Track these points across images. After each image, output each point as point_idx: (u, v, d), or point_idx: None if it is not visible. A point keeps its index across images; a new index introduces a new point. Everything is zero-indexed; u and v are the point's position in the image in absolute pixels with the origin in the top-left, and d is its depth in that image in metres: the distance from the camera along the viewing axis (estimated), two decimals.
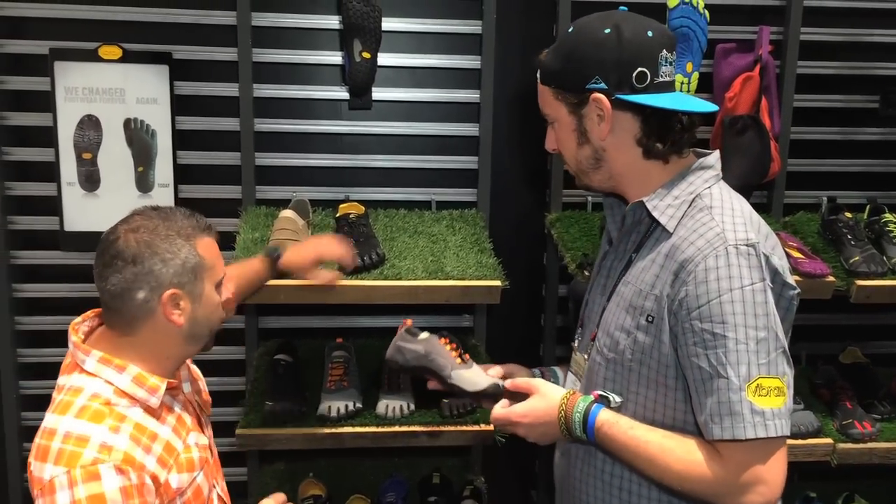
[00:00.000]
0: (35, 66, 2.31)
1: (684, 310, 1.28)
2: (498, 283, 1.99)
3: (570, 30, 1.39)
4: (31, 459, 1.27)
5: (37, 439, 1.27)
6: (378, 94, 2.43)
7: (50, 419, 1.28)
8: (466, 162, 2.49)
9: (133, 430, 1.28)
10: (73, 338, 1.35)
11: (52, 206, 2.35)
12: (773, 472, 1.26)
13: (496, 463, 2.54)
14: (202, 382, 1.60)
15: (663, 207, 1.36)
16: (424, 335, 1.63)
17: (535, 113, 1.50)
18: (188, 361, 1.52)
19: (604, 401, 1.38)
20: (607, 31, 1.33)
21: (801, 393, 2.31)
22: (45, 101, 2.30)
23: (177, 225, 1.34)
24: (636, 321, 1.35)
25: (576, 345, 1.56)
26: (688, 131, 1.38)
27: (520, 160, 2.54)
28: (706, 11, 2.15)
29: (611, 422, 1.34)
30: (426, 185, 2.49)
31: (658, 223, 1.36)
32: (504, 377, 1.60)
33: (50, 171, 2.34)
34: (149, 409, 1.34)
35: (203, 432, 1.48)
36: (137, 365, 1.33)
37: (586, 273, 2.02)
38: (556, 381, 1.65)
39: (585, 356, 1.49)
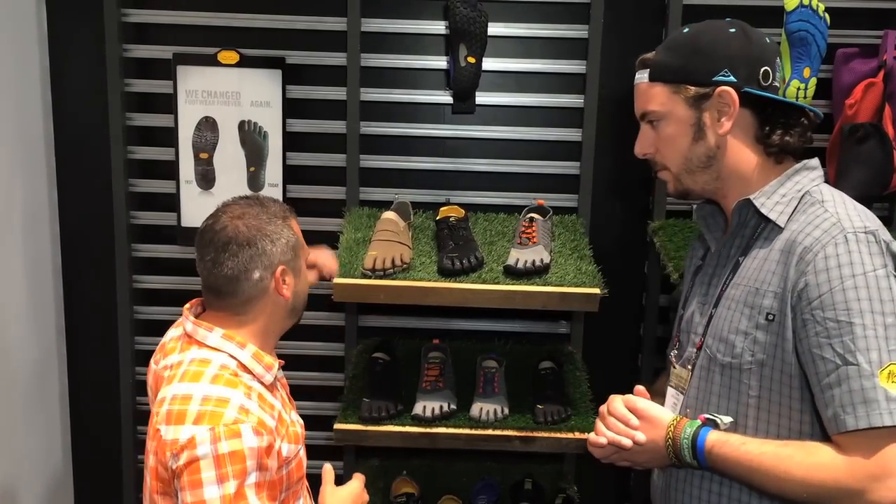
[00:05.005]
0: (159, 69, 2.43)
1: (804, 301, 1.25)
2: (597, 290, 1.96)
3: (686, 30, 1.41)
4: (158, 426, 1.31)
5: (165, 406, 1.32)
6: (481, 98, 2.44)
7: (180, 387, 1.33)
8: (568, 167, 2.47)
9: (259, 400, 1.38)
10: (191, 317, 1.45)
11: (171, 202, 2.47)
12: None
13: (590, 472, 2.51)
14: None
15: (771, 205, 1.35)
16: None
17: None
18: None
19: (711, 423, 1.35)
20: (733, 30, 1.36)
21: None
22: (168, 103, 2.42)
23: (272, 209, 1.48)
24: (754, 321, 1.32)
25: (673, 359, 1.53)
26: (809, 130, 1.39)
27: (623, 166, 2.49)
28: (826, 14, 2.06)
29: (721, 441, 1.31)
30: (527, 190, 2.48)
31: (768, 221, 1.35)
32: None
33: (170, 170, 2.45)
34: (263, 385, 1.44)
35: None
36: (253, 343, 1.44)
37: None
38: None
39: (689, 367, 1.45)
